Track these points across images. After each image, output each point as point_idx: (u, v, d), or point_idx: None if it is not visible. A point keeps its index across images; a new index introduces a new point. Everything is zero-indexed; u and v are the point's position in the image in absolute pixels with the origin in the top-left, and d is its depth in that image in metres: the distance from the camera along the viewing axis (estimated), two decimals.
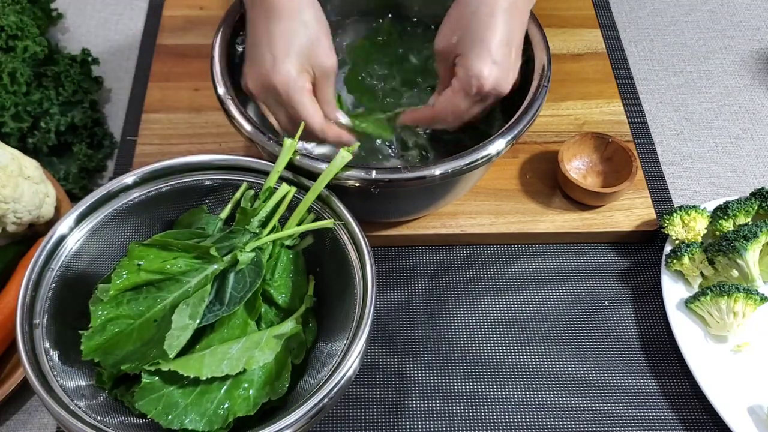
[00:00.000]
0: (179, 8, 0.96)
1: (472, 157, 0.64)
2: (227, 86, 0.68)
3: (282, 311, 0.62)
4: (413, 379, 0.69)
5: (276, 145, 0.63)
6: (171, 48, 0.92)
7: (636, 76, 0.94)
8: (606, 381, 0.69)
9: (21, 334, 0.55)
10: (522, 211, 0.78)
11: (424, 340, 0.71)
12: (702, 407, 0.68)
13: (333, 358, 0.57)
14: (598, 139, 0.80)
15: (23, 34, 0.85)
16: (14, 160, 0.67)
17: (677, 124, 0.90)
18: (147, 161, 0.65)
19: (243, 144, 0.81)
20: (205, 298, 0.57)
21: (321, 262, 0.65)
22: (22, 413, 0.67)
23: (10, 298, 0.66)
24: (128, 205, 0.63)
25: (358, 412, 0.67)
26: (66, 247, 0.60)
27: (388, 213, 0.75)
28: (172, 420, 0.54)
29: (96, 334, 0.56)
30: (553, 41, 0.81)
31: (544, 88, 0.69)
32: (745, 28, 1.01)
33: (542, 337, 0.72)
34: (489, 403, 0.68)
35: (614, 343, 0.72)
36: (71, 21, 0.99)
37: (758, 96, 0.93)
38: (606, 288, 0.75)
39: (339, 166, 0.61)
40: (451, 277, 0.76)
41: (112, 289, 0.56)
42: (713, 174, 0.86)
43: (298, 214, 0.62)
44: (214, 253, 0.58)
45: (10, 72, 0.80)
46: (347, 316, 0.59)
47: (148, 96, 0.87)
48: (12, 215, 0.67)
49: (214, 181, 0.66)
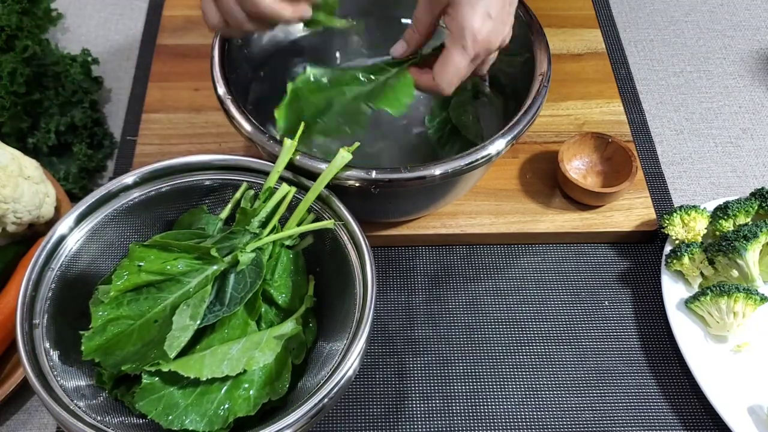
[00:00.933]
0: (179, 8, 0.96)
1: (472, 157, 0.64)
2: (227, 86, 0.68)
3: (282, 311, 0.62)
4: (413, 379, 0.69)
5: (276, 145, 0.63)
6: (171, 48, 0.92)
7: (636, 76, 0.94)
8: (606, 381, 0.69)
9: (21, 334, 0.55)
10: (522, 211, 0.78)
11: (424, 340, 0.71)
12: (702, 407, 0.68)
13: (333, 358, 0.57)
14: (598, 139, 0.80)
15: (23, 34, 0.85)
16: (14, 160, 0.67)
17: (677, 124, 0.90)
18: (147, 161, 0.65)
19: (243, 144, 0.81)
20: (205, 298, 0.57)
21: (321, 262, 0.65)
22: (22, 413, 0.67)
23: (10, 298, 0.66)
24: (128, 205, 0.63)
25: (358, 412, 0.67)
26: (66, 247, 0.60)
27: (388, 213, 0.75)
28: (173, 420, 0.54)
29: (96, 334, 0.56)
30: (553, 41, 0.81)
31: (544, 88, 0.69)
32: (744, 28, 1.01)
33: (542, 337, 0.72)
34: (489, 403, 0.68)
35: (614, 343, 0.72)
36: (71, 21, 0.99)
37: (758, 96, 0.93)
38: (606, 288, 0.75)
39: (339, 166, 0.61)
40: (451, 277, 0.76)
41: (113, 290, 0.56)
42: (713, 174, 0.86)
43: (298, 215, 0.62)
44: (215, 253, 0.58)
45: (9, 72, 0.80)
46: (347, 316, 0.59)
47: (148, 96, 0.87)
48: (12, 215, 0.67)
49: (214, 181, 0.66)
